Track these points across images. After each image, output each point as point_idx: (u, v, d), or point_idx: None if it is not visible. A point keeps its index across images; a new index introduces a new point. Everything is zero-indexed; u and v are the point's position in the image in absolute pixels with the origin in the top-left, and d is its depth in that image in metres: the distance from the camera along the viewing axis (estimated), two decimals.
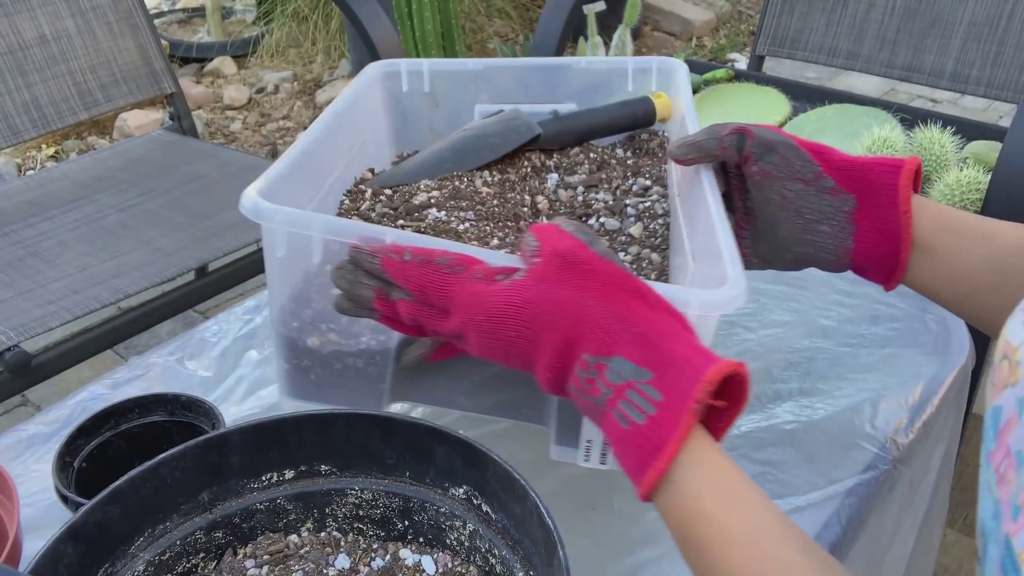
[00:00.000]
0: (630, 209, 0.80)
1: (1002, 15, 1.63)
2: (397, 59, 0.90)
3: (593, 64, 0.92)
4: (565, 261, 0.53)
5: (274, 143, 2.96)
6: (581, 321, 0.51)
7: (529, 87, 0.92)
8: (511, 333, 0.53)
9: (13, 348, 1.24)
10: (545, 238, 0.54)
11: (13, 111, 1.65)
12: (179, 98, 1.86)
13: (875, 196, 0.67)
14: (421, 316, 0.56)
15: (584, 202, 0.81)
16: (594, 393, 0.50)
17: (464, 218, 0.75)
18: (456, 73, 0.92)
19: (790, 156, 0.67)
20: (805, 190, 0.67)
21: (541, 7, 2.47)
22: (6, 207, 1.64)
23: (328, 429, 0.56)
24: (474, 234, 0.73)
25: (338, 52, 3.42)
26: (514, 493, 0.50)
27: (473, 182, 0.79)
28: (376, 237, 0.58)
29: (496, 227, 0.75)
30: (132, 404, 0.72)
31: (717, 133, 0.68)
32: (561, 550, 0.45)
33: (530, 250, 0.54)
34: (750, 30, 3.68)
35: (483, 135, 0.82)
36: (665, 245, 0.78)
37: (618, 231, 0.78)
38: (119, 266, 1.42)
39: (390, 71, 0.90)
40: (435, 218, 0.74)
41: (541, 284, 0.52)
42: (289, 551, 0.56)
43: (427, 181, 0.79)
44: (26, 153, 2.80)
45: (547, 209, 0.80)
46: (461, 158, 0.81)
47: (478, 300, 0.53)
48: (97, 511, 0.50)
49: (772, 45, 1.87)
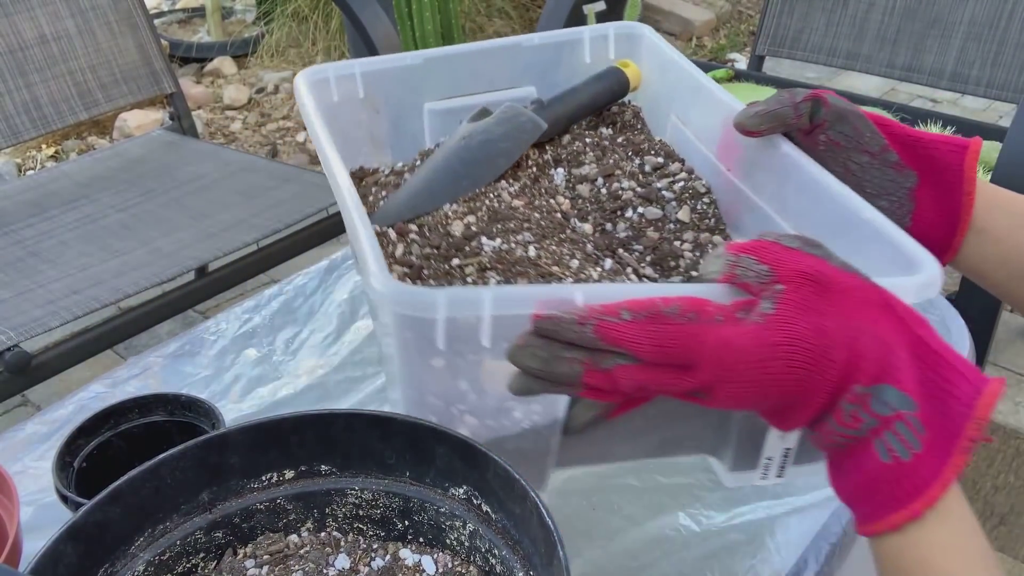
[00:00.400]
0: (666, 193, 0.75)
1: (1002, 15, 1.63)
2: (324, 64, 0.80)
3: (545, 39, 0.85)
4: (817, 284, 0.47)
5: (274, 143, 2.96)
6: (853, 351, 0.46)
7: (479, 74, 0.84)
8: (779, 376, 0.46)
9: (13, 348, 1.24)
10: (777, 260, 0.48)
11: (13, 111, 1.65)
12: (179, 98, 1.86)
13: (939, 175, 0.64)
14: (652, 379, 0.48)
15: (610, 194, 0.75)
16: (855, 425, 0.46)
17: (523, 241, 0.67)
18: (393, 71, 0.82)
19: (860, 127, 0.65)
20: (870, 163, 0.65)
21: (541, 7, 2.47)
22: (6, 207, 1.64)
23: (328, 429, 0.56)
24: (550, 259, 0.66)
25: (338, 52, 3.42)
26: (514, 493, 0.50)
27: (500, 196, 0.72)
28: (565, 299, 0.49)
29: (564, 245, 0.69)
30: (132, 404, 0.72)
31: (790, 100, 0.65)
32: (561, 550, 0.45)
33: (759, 276, 0.48)
34: (750, 30, 3.68)
35: (489, 140, 0.75)
36: (723, 225, 0.74)
37: (662, 219, 0.73)
38: (119, 266, 1.42)
39: (317, 79, 0.79)
40: (494, 248, 0.66)
41: (803, 315, 0.46)
42: (289, 551, 0.56)
43: (452, 206, 0.71)
44: (26, 153, 2.80)
45: (571, 210, 0.75)
46: (475, 171, 0.73)
47: (732, 347, 0.46)
48: (97, 511, 0.50)
49: (772, 45, 1.87)
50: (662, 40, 0.84)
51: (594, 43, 0.85)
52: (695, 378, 0.47)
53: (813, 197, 0.66)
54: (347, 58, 3.34)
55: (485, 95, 0.84)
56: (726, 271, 0.49)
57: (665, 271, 0.71)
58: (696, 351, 0.46)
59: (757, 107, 0.66)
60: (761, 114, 0.66)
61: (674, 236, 0.73)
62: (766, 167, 0.70)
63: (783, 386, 0.46)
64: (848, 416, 0.46)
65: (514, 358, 0.49)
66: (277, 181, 1.63)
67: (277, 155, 2.92)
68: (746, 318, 0.47)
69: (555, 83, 0.84)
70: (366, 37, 1.66)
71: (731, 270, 0.49)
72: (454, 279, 0.64)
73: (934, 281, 0.55)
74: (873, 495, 0.46)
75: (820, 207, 0.65)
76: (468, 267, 0.64)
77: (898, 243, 0.59)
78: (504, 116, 0.76)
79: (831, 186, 0.65)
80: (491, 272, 0.64)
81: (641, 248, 0.72)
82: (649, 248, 0.72)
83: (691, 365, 0.47)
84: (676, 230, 0.73)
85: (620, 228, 0.73)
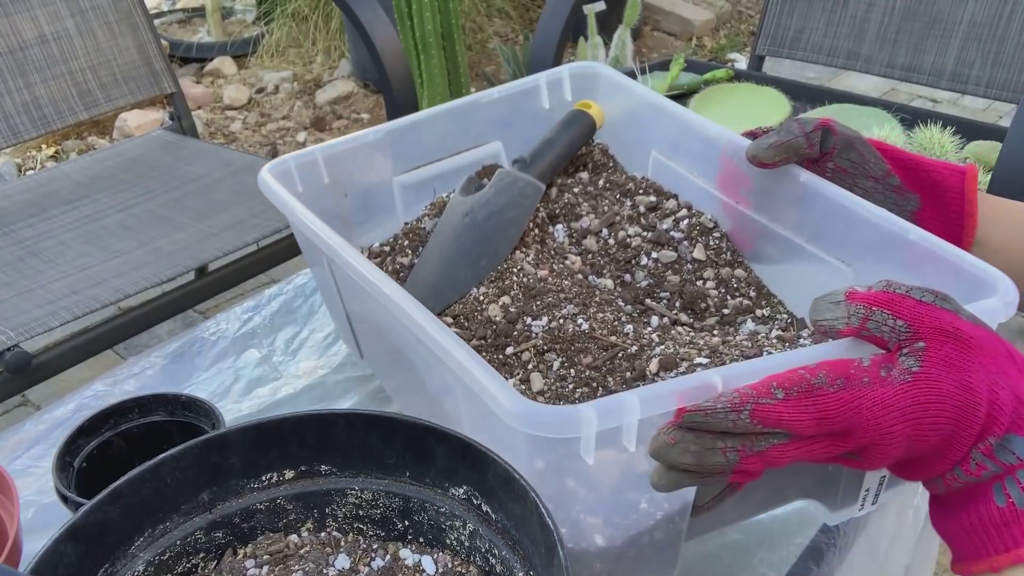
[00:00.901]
0: (674, 233, 0.75)
1: (1002, 15, 1.63)
2: (285, 156, 0.77)
3: (504, 92, 0.84)
4: (957, 340, 0.47)
5: (274, 143, 2.96)
6: (993, 404, 0.47)
7: (443, 137, 0.84)
8: (928, 433, 0.47)
9: (13, 348, 1.24)
10: (914, 316, 0.48)
11: (13, 111, 1.65)
12: (179, 98, 1.86)
13: (940, 197, 0.66)
14: (809, 452, 0.47)
15: (619, 244, 0.74)
16: (979, 473, 0.47)
17: (569, 315, 0.65)
18: (357, 150, 0.80)
19: (866, 153, 0.67)
20: (875, 187, 0.67)
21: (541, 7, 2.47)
22: (6, 207, 1.64)
23: (328, 429, 0.56)
24: (603, 328, 0.64)
25: (338, 52, 3.42)
26: (514, 493, 0.50)
27: (523, 269, 0.69)
28: (706, 387, 0.48)
29: (605, 309, 0.67)
30: (132, 404, 0.72)
31: (802, 131, 0.66)
32: (561, 550, 0.45)
33: (896, 332, 0.48)
34: (750, 30, 3.68)
35: (495, 213, 0.72)
36: (740, 258, 0.74)
37: (678, 261, 0.73)
38: (119, 266, 1.42)
39: (280, 171, 0.77)
40: (543, 328, 0.64)
41: (949, 373, 0.46)
42: (289, 551, 0.56)
43: (481, 288, 0.68)
44: (26, 153, 2.80)
45: (584, 267, 0.73)
46: (491, 248, 0.70)
47: (887, 408, 0.46)
48: (97, 511, 0.50)
49: (772, 45, 1.87)
50: (622, 76, 0.84)
51: (551, 87, 0.85)
52: (851, 443, 0.47)
53: (847, 222, 0.66)
54: (347, 58, 3.34)
55: (452, 158, 0.83)
56: (854, 323, 0.49)
57: (698, 314, 0.71)
58: (852, 416, 0.46)
59: (770, 139, 0.67)
60: (776, 146, 0.66)
61: (695, 276, 0.73)
62: (782, 196, 0.70)
63: (930, 442, 0.47)
64: (975, 465, 0.47)
65: (664, 457, 0.47)
66: None
67: (277, 155, 2.92)
68: (889, 376, 0.47)
69: (518, 134, 0.84)
70: (366, 37, 1.66)
71: (861, 323, 0.49)
72: (513, 368, 0.62)
73: (1014, 299, 0.56)
74: (979, 535, 0.47)
75: (857, 231, 0.66)
76: (524, 353, 0.62)
77: (959, 261, 0.59)
78: (502, 184, 0.74)
79: (866, 209, 0.65)
80: (550, 354, 0.62)
81: (668, 295, 0.71)
82: (675, 293, 0.71)
83: (848, 432, 0.47)
84: (695, 269, 0.73)
85: (640, 277, 0.73)
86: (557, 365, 0.62)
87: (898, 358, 0.47)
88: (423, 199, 0.81)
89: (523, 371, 0.62)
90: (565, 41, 1.71)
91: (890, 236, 0.63)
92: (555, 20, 1.67)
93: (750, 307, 0.72)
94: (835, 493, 0.63)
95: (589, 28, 2.21)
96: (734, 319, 0.71)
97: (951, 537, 0.50)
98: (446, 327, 0.57)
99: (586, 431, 0.48)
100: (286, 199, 0.73)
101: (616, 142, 0.84)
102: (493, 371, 0.52)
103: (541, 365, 0.62)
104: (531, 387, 0.61)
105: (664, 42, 3.63)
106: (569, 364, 0.62)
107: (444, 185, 0.82)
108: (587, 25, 2.23)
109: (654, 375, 0.59)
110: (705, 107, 1.60)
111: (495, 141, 0.85)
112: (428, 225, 0.77)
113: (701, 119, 0.76)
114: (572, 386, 0.60)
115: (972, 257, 0.60)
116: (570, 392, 0.60)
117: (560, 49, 1.69)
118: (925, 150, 1.39)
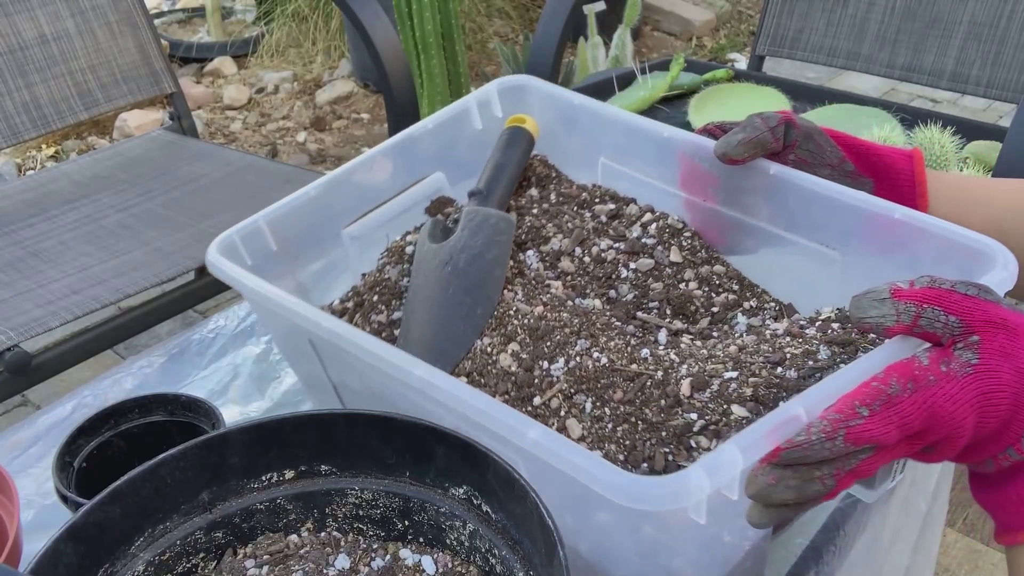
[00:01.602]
0: (647, 240, 0.75)
1: (1002, 15, 1.63)
2: (231, 228, 0.74)
3: (436, 121, 0.83)
4: (1006, 330, 0.49)
5: (274, 143, 2.96)
6: None
7: (385, 177, 0.82)
8: (993, 419, 0.49)
9: (13, 348, 1.24)
10: (964, 310, 0.49)
11: (13, 111, 1.65)
12: (179, 98, 1.86)
13: (893, 180, 0.70)
14: (892, 455, 0.49)
15: (596, 260, 0.74)
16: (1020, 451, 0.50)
17: (584, 350, 0.63)
18: (298, 209, 0.77)
19: (822, 142, 0.71)
20: (831, 174, 0.70)
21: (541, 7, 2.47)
22: (6, 207, 1.64)
23: (328, 429, 0.56)
24: (622, 358, 0.63)
25: (338, 52, 3.42)
26: (514, 493, 0.50)
27: (518, 309, 0.67)
28: (794, 417, 0.49)
29: (613, 336, 0.66)
30: (132, 404, 0.72)
31: (766, 126, 0.68)
32: (561, 550, 0.45)
33: (949, 327, 0.49)
34: (750, 30, 3.68)
35: (475, 256, 0.68)
36: (716, 254, 0.75)
37: (656, 267, 0.73)
38: (119, 266, 1.42)
39: (227, 244, 0.74)
40: (564, 370, 0.62)
41: (1007, 360, 0.48)
42: (289, 551, 0.56)
43: (484, 339, 0.65)
44: (26, 153, 2.80)
45: (566, 291, 0.72)
46: (482, 294, 0.67)
47: (957, 403, 0.48)
48: (97, 511, 0.50)
49: (772, 45, 1.87)
50: (552, 86, 0.84)
51: (481, 107, 0.85)
52: (927, 440, 0.49)
53: (827, 209, 0.68)
54: (347, 58, 3.34)
55: (398, 198, 0.82)
56: (905, 320, 0.50)
57: (689, 317, 0.71)
58: (930, 419, 0.48)
59: (738, 136, 0.68)
60: (744, 143, 0.68)
61: (676, 279, 0.73)
62: (753, 190, 0.72)
63: (991, 428, 0.49)
64: (1015, 450, 0.49)
65: (767, 498, 0.48)
66: (277, 181, 1.63)
67: (277, 155, 2.92)
68: (950, 371, 0.48)
69: (457, 160, 0.84)
70: (366, 37, 1.66)
71: (913, 321, 0.50)
72: (547, 418, 0.60)
73: (1015, 268, 0.58)
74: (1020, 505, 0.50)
75: (838, 216, 0.67)
76: (552, 400, 0.61)
77: (951, 235, 0.61)
78: (474, 225, 0.70)
79: (844, 193, 0.67)
80: (579, 396, 0.61)
81: (657, 303, 0.71)
82: (663, 301, 0.71)
83: (925, 431, 0.48)
84: (675, 272, 0.73)
85: (624, 291, 0.72)
86: (589, 407, 0.60)
87: (954, 352, 0.49)
88: (375, 247, 0.79)
89: (556, 419, 0.60)
90: (565, 41, 1.71)
91: (874, 217, 0.65)
92: (555, 20, 1.67)
93: (737, 301, 0.72)
94: (877, 475, 0.65)
95: (589, 28, 2.21)
96: (725, 316, 0.71)
97: (997, 509, 0.52)
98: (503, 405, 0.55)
99: (698, 496, 0.47)
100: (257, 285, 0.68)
101: (556, 152, 0.83)
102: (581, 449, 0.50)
103: (573, 409, 0.60)
104: (570, 434, 0.59)
105: (664, 42, 3.63)
106: (600, 403, 0.60)
107: (396, 228, 0.80)
108: (587, 25, 2.23)
109: (688, 398, 0.59)
110: (705, 107, 1.60)
111: (436, 172, 0.84)
112: (392, 274, 0.74)
113: (650, 122, 0.77)
114: (611, 425, 0.59)
115: (963, 229, 0.61)
116: (611, 432, 0.58)
117: (560, 49, 1.69)
118: (925, 150, 1.39)
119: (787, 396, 0.57)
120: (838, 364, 0.58)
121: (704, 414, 0.57)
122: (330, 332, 0.62)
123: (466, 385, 0.57)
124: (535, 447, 0.51)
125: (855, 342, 0.60)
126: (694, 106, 1.60)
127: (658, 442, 0.57)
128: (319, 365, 0.71)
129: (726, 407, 0.57)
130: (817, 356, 0.60)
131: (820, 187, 0.68)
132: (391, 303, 0.72)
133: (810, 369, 0.58)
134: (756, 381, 0.58)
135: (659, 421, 0.58)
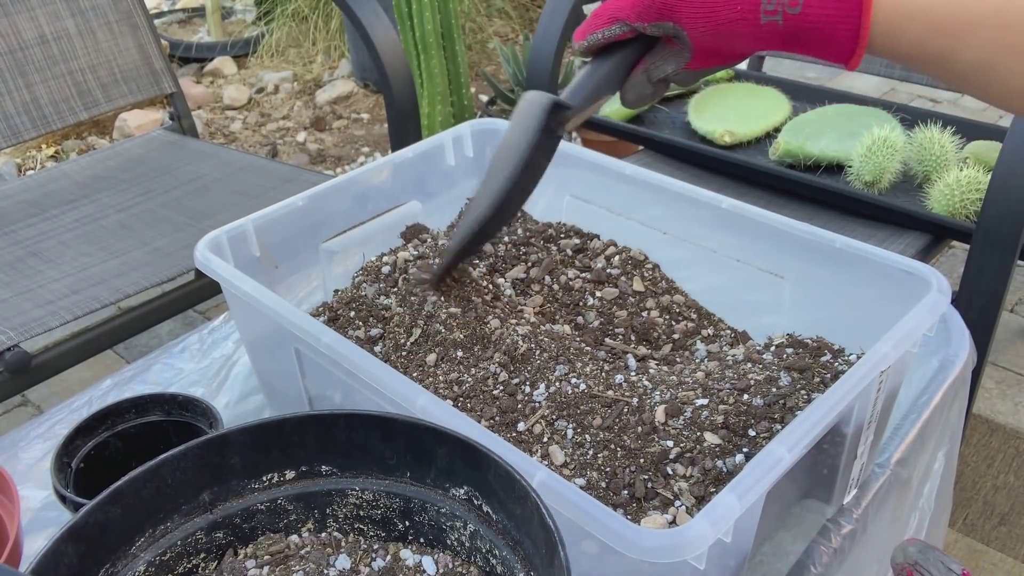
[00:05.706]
0: (612, 271, 0.79)
1: None
2: (219, 229, 0.78)
3: (415, 151, 0.88)
4: None
5: (274, 143, 2.96)
6: None
7: (364, 199, 0.86)
8: None
9: (13, 348, 1.23)
10: None
11: (13, 111, 1.65)
12: (179, 98, 1.86)
13: None
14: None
15: (564, 287, 0.77)
16: None
17: (562, 376, 0.66)
18: (283, 218, 0.81)
19: None
20: None
21: (541, 7, 2.47)
22: (6, 207, 1.64)
23: (329, 430, 0.56)
24: (598, 383, 0.65)
25: (338, 52, 3.42)
26: (515, 494, 0.50)
27: (504, 333, 0.69)
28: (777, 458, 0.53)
29: (587, 361, 0.68)
30: (129, 404, 0.72)
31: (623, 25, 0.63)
32: (562, 550, 0.45)
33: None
34: None
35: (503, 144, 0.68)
36: (674, 284, 0.79)
37: (620, 296, 0.77)
38: (119, 266, 1.42)
39: (217, 243, 0.77)
40: (546, 396, 0.64)
41: None
42: (290, 551, 0.56)
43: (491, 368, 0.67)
44: (26, 153, 2.80)
45: (537, 316, 0.75)
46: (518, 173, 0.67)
47: None
48: (98, 511, 0.50)
49: None
50: None
51: (455, 144, 0.92)
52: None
53: (774, 240, 0.75)
54: (347, 58, 3.34)
55: (374, 220, 0.86)
56: None
57: (652, 343, 0.75)
58: None
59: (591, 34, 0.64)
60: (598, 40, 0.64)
61: (639, 308, 0.77)
62: (705, 223, 0.78)
63: None
64: None
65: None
66: (277, 181, 1.63)
67: (277, 155, 2.92)
68: None
69: (430, 190, 0.90)
70: (366, 37, 1.66)
71: None
72: (530, 444, 0.62)
73: (947, 289, 0.63)
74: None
75: (785, 247, 0.74)
76: (536, 426, 0.63)
77: (887, 261, 0.68)
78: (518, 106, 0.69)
79: (792, 227, 0.74)
80: (560, 422, 0.63)
81: (623, 330, 0.75)
82: (628, 328, 0.75)
83: None
84: (637, 301, 0.77)
85: (591, 318, 0.76)
86: (571, 433, 0.62)
87: None
88: (349, 264, 0.83)
89: (540, 446, 0.62)
90: (565, 41, 1.71)
91: (817, 247, 0.73)
92: (555, 20, 1.67)
93: (695, 329, 0.77)
94: (832, 488, 0.67)
95: None
96: (685, 343, 0.76)
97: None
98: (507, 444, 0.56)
99: (701, 547, 0.49)
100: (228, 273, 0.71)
101: None
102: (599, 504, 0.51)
103: (556, 436, 0.63)
104: (554, 460, 0.61)
105: None
106: (581, 429, 0.62)
107: (372, 250, 0.83)
108: None
109: (663, 424, 0.61)
110: (705, 107, 1.60)
111: (413, 200, 0.90)
112: (369, 292, 0.75)
113: (613, 160, 0.85)
114: (592, 452, 0.61)
115: (898, 256, 0.68)
116: (592, 459, 0.60)
117: (560, 49, 1.69)
118: (925, 150, 1.39)
119: (755, 423, 0.60)
120: (799, 390, 0.63)
121: (679, 441, 0.60)
122: (334, 352, 0.64)
123: (467, 417, 0.59)
124: (541, 487, 0.52)
125: (811, 367, 0.65)
126: (694, 106, 1.60)
127: (637, 469, 0.59)
128: (297, 374, 0.73)
129: (699, 434, 0.60)
130: (779, 383, 0.63)
131: (768, 220, 0.75)
132: (368, 320, 0.74)
133: (774, 396, 0.62)
134: (726, 408, 0.61)
135: (637, 448, 0.60)
